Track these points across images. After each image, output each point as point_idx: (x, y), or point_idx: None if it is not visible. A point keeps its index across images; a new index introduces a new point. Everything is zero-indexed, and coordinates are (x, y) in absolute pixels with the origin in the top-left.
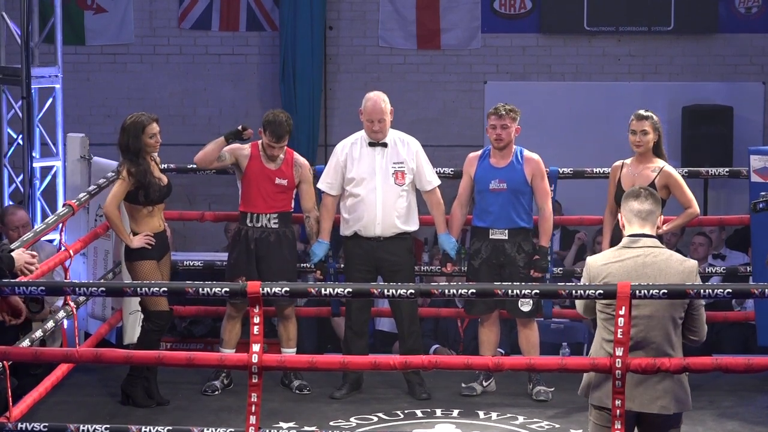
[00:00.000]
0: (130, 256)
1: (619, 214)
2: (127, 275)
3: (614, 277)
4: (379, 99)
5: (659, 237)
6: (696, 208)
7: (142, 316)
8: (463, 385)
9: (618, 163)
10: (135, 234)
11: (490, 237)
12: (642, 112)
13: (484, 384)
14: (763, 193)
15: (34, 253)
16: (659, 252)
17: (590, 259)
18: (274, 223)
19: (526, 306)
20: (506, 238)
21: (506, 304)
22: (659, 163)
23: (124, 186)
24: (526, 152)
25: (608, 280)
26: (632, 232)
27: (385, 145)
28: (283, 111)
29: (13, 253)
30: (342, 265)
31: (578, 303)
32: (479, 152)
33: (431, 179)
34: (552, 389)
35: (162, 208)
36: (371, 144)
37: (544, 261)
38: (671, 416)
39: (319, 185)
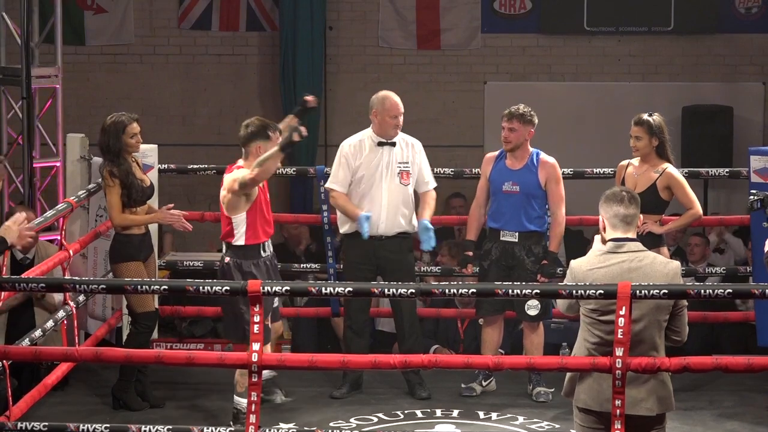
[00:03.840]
0: (114, 258)
1: (600, 217)
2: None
3: (600, 283)
4: (395, 96)
5: (659, 236)
6: (698, 209)
7: (130, 320)
8: (463, 385)
9: (624, 162)
10: (124, 235)
11: (501, 239)
12: (643, 116)
13: (484, 384)
14: (755, 192)
15: (18, 216)
16: (644, 256)
17: (575, 263)
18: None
19: (533, 310)
20: (516, 240)
21: (515, 306)
22: (663, 164)
23: (116, 191)
24: (543, 156)
25: None
26: (616, 237)
27: (393, 144)
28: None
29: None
30: (341, 266)
31: (562, 302)
32: (496, 153)
33: (429, 180)
34: (552, 390)
35: (145, 209)
36: (379, 143)
37: (552, 267)
38: (654, 417)
39: (329, 185)
